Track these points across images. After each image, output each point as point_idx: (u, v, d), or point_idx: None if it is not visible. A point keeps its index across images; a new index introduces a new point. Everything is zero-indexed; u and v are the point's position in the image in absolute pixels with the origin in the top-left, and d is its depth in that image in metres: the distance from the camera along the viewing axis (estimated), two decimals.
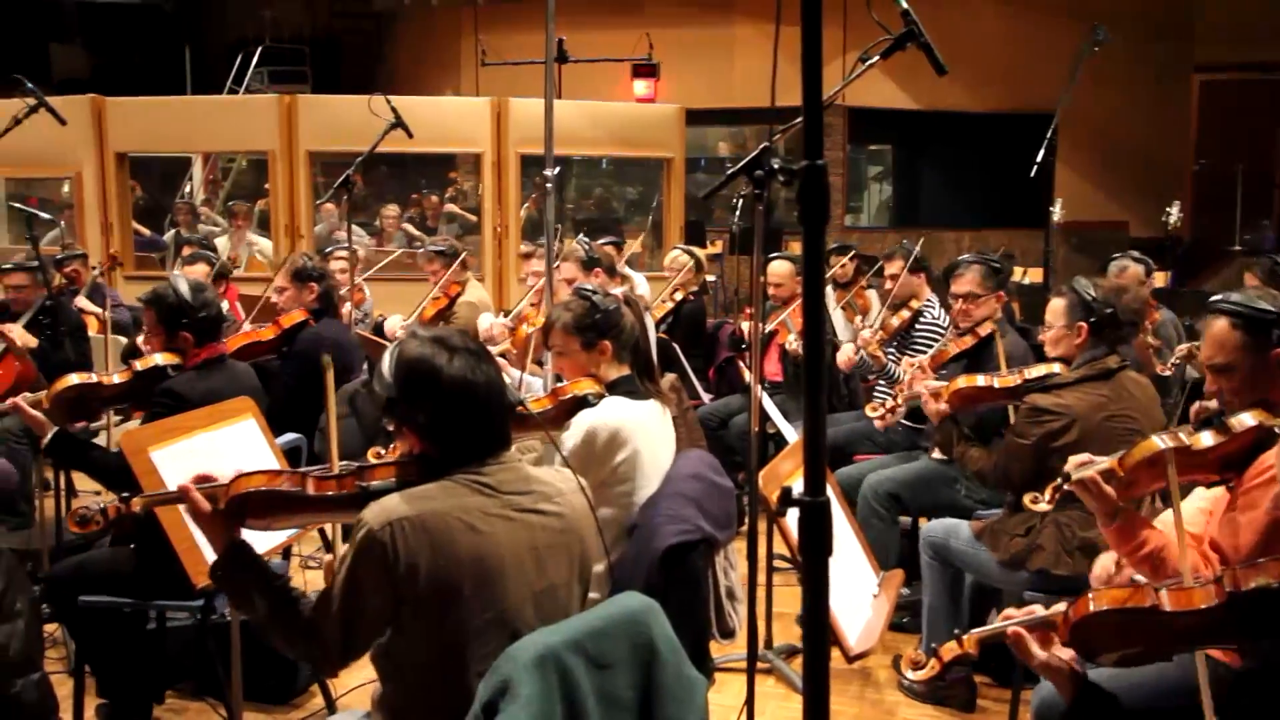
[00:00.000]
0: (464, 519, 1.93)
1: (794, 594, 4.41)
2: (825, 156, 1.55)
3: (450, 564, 1.90)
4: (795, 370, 5.32)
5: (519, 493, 2.02)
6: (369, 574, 1.89)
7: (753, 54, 12.07)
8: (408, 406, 2.01)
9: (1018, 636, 2.03)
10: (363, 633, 1.96)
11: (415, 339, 2.05)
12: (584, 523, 2.12)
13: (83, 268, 6.52)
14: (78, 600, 3.15)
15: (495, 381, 2.04)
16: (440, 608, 1.90)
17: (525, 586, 1.98)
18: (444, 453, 2.01)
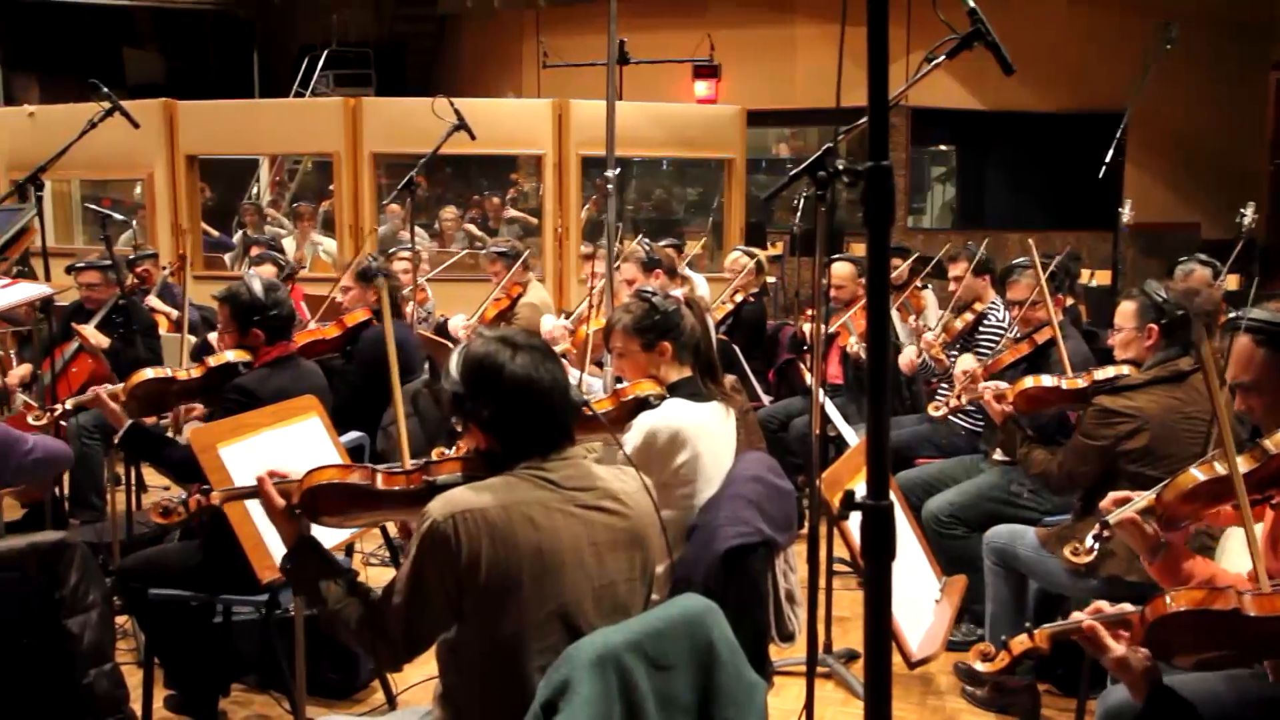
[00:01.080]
0: (525, 513, 1.95)
1: (854, 598, 4.38)
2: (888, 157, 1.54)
3: (510, 556, 1.92)
4: (856, 373, 5.28)
5: (581, 489, 2.04)
6: (432, 565, 1.92)
7: (815, 54, 12.00)
8: (473, 402, 2.05)
9: (1092, 630, 1.99)
10: (426, 624, 1.99)
11: (481, 337, 2.09)
12: (647, 522, 2.12)
13: (154, 267, 6.66)
14: (148, 593, 3.22)
15: (558, 378, 2.07)
16: (500, 600, 1.92)
17: (585, 581, 1.99)
18: (507, 448, 2.05)
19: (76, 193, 10.00)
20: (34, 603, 2.25)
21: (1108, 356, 3.70)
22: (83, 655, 2.29)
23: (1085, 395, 3.50)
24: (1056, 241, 11.18)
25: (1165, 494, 2.28)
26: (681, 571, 2.69)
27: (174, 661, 3.40)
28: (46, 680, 2.27)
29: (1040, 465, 3.51)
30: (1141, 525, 2.32)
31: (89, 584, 2.32)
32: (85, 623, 2.30)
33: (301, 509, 2.16)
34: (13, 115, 9.62)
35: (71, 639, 2.28)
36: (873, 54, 1.51)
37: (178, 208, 8.77)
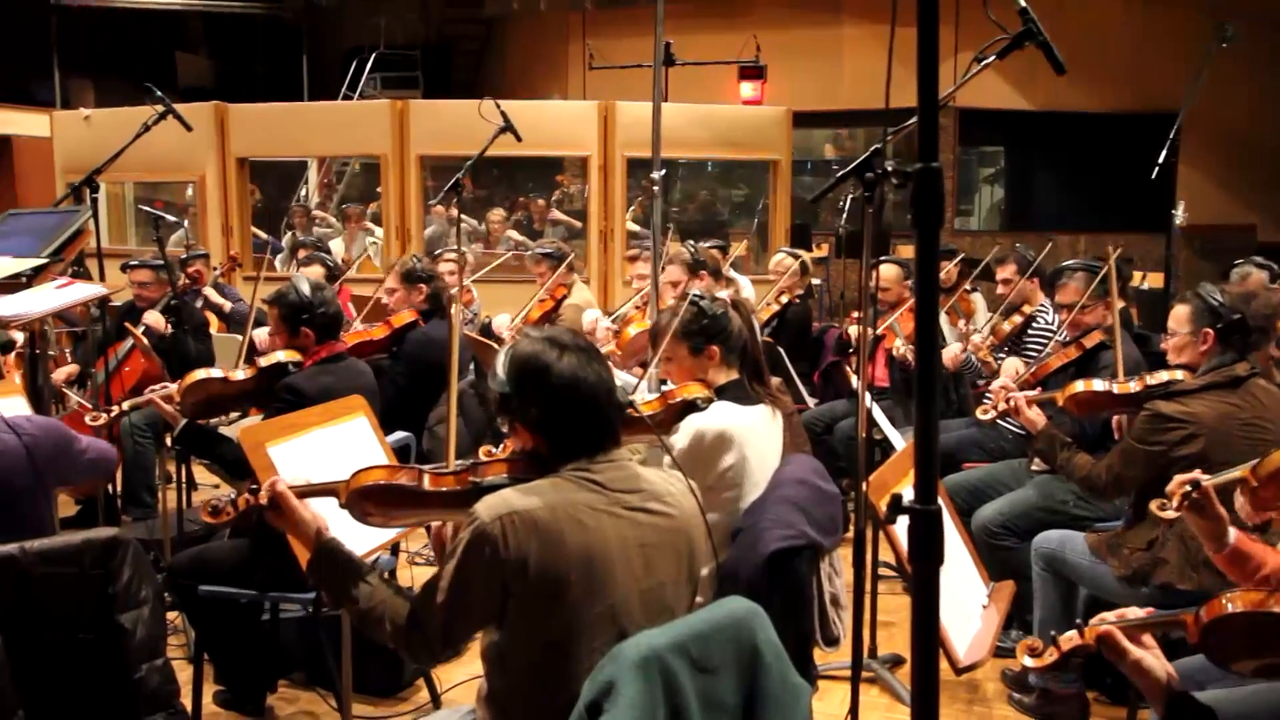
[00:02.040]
0: (572, 514, 1.95)
1: (899, 603, 4.35)
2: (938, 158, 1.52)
3: (558, 558, 1.92)
4: (902, 376, 5.24)
5: (628, 490, 2.04)
6: (479, 567, 1.92)
7: (861, 55, 11.93)
8: (520, 402, 2.05)
9: (1109, 634, 1.95)
10: (466, 624, 2.00)
11: (528, 338, 2.10)
12: (693, 524, 2.12)
13: (205, 267, 6.75)
14: (198, 590, 3.26)
15: (605, 379, 2.07)
16: (547, 602, 1.92)
17: (632, 583, 1.99)
18: (554, 448, 2.05)
19: (130, 195, 10.18)
20: (89, 598, 2.29)
21: (1160, 361, 3.64)
22: (135, 650, 2.32)
23: (1138, 400, 3.44)
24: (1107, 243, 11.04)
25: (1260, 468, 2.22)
26: (726, 574, 2.68)
27: (223, 657, 3.45)
28: (100, 674, 2.30)
29: (1084, 470, 3.46)
30: (1214, 500, 2.27)
31: (141, 580, 2.36)
32: (138, 618, 2.33)
33: (347, 508, 2.17)
34: (69, 119, 9.81)
35: (125, 634, 2.31)
36: (922, 54, 1.50)
37: (228, 209, 8.90)
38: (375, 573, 2.12)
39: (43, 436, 2.52)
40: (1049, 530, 3.60)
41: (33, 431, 2.50)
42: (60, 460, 2.56)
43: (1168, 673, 1.92)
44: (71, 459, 2.61)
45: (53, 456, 2.52)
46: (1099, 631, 1.99)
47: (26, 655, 2.22)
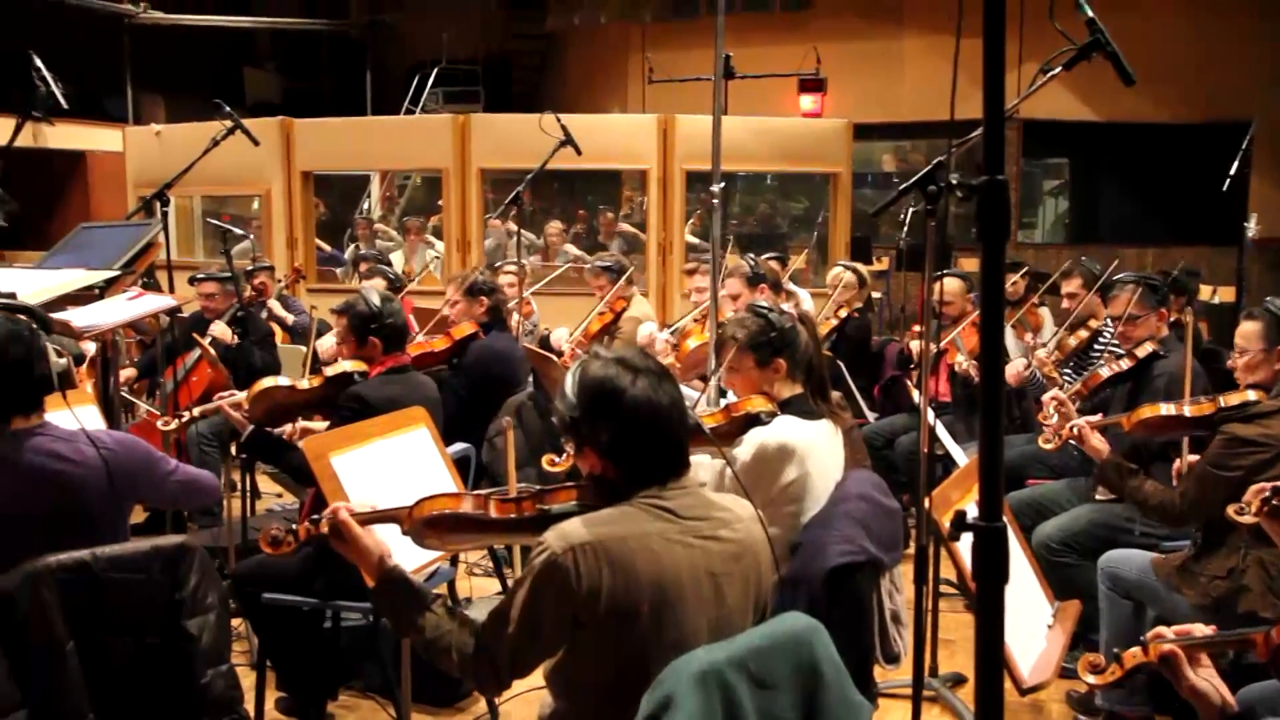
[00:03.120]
0: (645, 544, 1.93)
1: (960, 620, 4.28)
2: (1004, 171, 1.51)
3: (630, 589, 1.90)
4: (964, 391, 5.18)
5: (699, 518, 2.01)
6: (549, 598, 1.90)
7: (923, 67, 11.84)
8: (590, 426, 2.01)
9: (1172, 654, 1.91)
10: (534, 654, 1.98)
11: (598, 359, 2.05)
12: (760, 550, 2.09)
13: (269, 279, 6.87)
14: (261, 597, 3.31)
15: (677, 402, 2.04)
16: (618, 632, 1.91)
17: (702, 613, 1.97)
18: (625, 474, 2.01)
19: (198, 208, 10.37)
20: (157, 604, 2.33)
21: (1228, 379, 3.54)
22: (201, 656, 2.35)
23: (1211, 423, 3.32)
24: (1176, 257, 10.82)
25: None
26: (785, 589, 2.66)
27: (285, 664, 3.49)
28: (167, 679, 2.34)
29: (1155, 498, 3.34)
30: None
31: (208, 587, 2.39)
32: (204, 624, 2.37)
33: (410, 534, 2.16)
34: (141, 134, 10.04)
35: (191, 640, 2.34)
36: (988, 65, 1.48)
37: (293, 222, 9.04)
38: (440, 601, 2.09)
39: (122, 453, 2.55)
40: (1115, 549, 3.53)
41: (112, 446, 2.54)
42: (140, 479, 2.58)
43: (1223, 699, 1.87)
44: (153, 479, 2.62)
45: (132, 474, 2.55)
46: (1162, 650, 1.94)
47: (96, 659, 2.26)
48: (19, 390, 2.47)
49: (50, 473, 2.43)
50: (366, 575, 2.16)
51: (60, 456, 2.46)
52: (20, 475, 2.41)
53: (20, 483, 2.40)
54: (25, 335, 2.48)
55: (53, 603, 2.18)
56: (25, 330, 2.49)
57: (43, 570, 2.18)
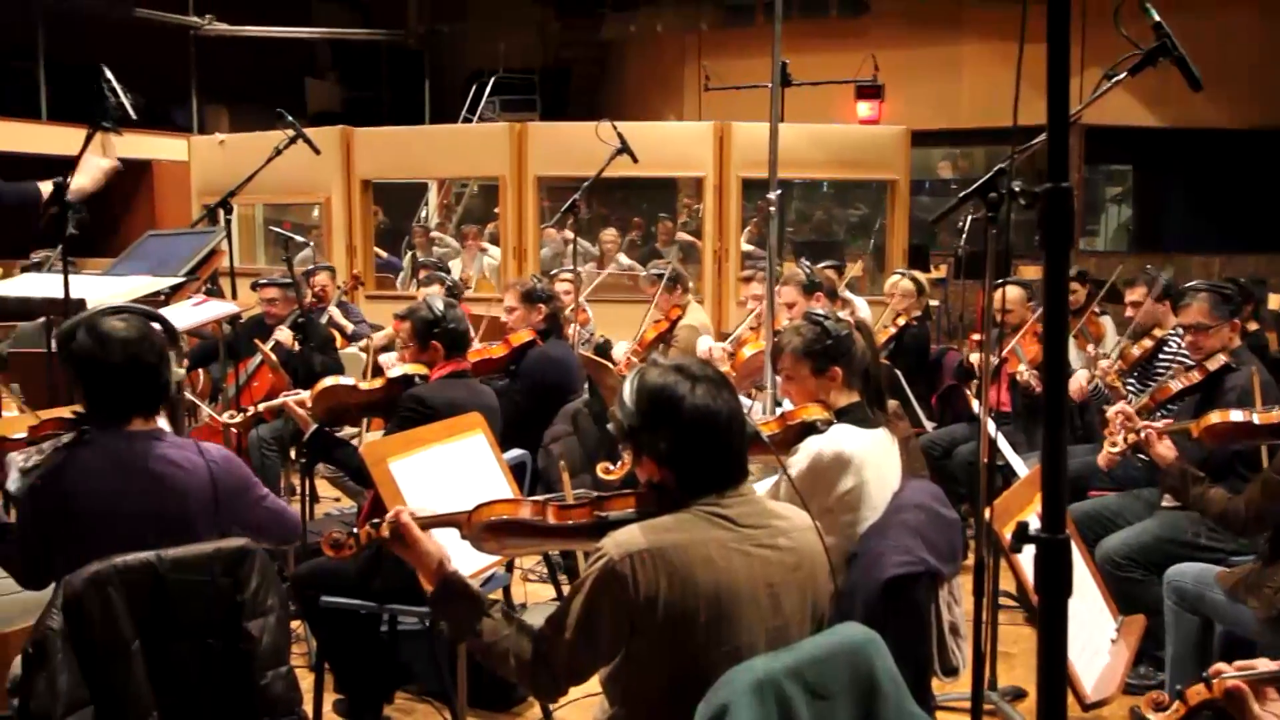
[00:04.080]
0: (703, 552, 1.92)
1: (1019, 633, 4.22)
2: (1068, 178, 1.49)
3: (688, 597, 1.89)
4: (1024, 400, 5.11)
5: (757, 526, 2.00)
6: (607, 604, 1.91)
7: (982, 73, 11.71)
8: (649, 434, 2.02)
9: (1237, 690, 1.85)
10: (591, 661, 1.99)
11: (656, 367, 2.06)
12: (817, 561, 2.08)
13: (330, 281, 6.96)
14: (319, 600, 3.35)
15: (736, 411, 2.04)
16: (675, 640, 1.91)
17: (760, 623, 1.96)
18: (683, 482, 2.01)
19: (259, 216, 10.55)
20: (219, 605, 2.36)
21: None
22: (261, 657, 2.38)
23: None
24: (1244, 265, 10.60)
25: None
26: (842, 599, 2.64)
27: (343, 667, 3.53)
28: (228, 679, 2.37)
29: (1220, 505, 3.28)
30: None
31: (268, 589, 2.42)
32: (264, 626, 2.40)
33: (469, 539, 2.17)
34: (205, 143, 10.23)
35: (251, 641, 2.37)
36: (1052, 71, 1.46)
37: (352, 229, 9.16)
38: (498, 606, 2.11)
39: (227, 468, 2.62)
40: (1181, 563, 3.45)
41: (219, 460, 2.60)
42: (238, 498, 2.63)
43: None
44: (247, 500, 2.67)
45: (233, 491, 2.60)
46: (1227, 686, 1.89)
47: (160, 659, 2.30)
48: (146, 393, 2.56)
49: (161, 476, 2.50)
50: (425, 579, 2.17)
51: (172, 462, 2.52)
52: (133, 474, 2.48)
53: (132, 481, 2.47)
54: (159, 342, 2.56)
55: (119, 603, 2.22)
56: (159, 337, 2.57)
57: (109, 571, 2.23)
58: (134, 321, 2.56)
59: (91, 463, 2.47)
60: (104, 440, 2.51)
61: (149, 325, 2.58)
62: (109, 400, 2.55)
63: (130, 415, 2.55)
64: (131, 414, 2.55)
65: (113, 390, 2.54)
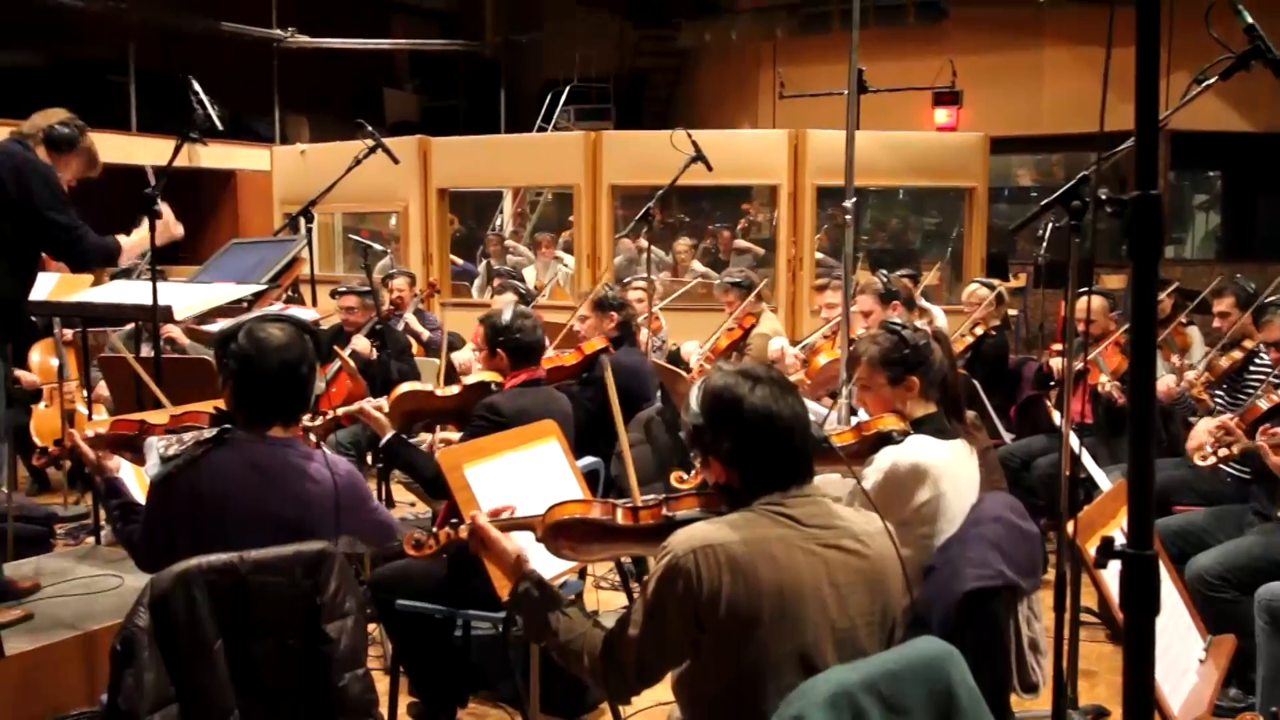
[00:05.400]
0: (765, 549, 1.93)
1: (1101, 651, 4.13)
2: (1157, 185, 1.45)
3: (751, 593, 1.90)
4: (1106, 412, 4.99)
5: (822, 526, 2.01)
6: (672, 600, 1.92)
7: (1064, 78, 11.50)
8: (713, 435, 2.06)
9: None
10: (660, 658, 1.99)
11: (721, 371, 2.10)
12: (889, 566, 2.06)
13: (407, 288, 7.05)
14: (395, 604, 3.39)
15: (799, 413, 2.06)
16: (739, 637, 1.91)
17: (825, 622, 1.96)
18: (747, 481, 2.04)
19: (338, 224, 10.73)
20: (299, 607, 2.40)
21: None
22: (339, 659, 2.41)
23: None
24: None
25: None
26: (918, 613, 2.60)
27: (418, 670, 3.57)
28: (306, 680, 2.41)
29: None
30: None
31: (346, 592, 2.45)
32: (342, 628, 2.43)
33: (543, 541, 2.20)
34: (287, 153, 10.44)
35: (330, 643, 2.40)
36: (1141, 76, 1.43)
37: (428, 238, 9.27)
38: (575, 606, 2.14)
39: (350, 481, 2.67)
40: (1273, 582, 3.34)
41: (344, 475, 2.65)
42: (356, 511, 2.69)
43: None
44: (362, 513, 2.72)
45: (352, 505, 2.66)
46: None
47: (241, 659, 2.34)
48: (292, 401, 2.63)
49: (289, 483, 2.56)
50: (505, 577, 2.21)
51: (302, 472, 2.58)
52: (263, 478, 2.54)
53: (261, 485, 2.53)
54: (311, 356, 2.63)
55: (203, 603, 2.27)
56: (311, 349, 2.64)
57: (194, 571, 2.27)
58: (291, 331, 2.62)
59: (226, 462, 2.54)
60: (242, 441, 2.58)
61: (304, 336, 2.64)
62: (256, 404, 2.61)
63: (273, 421, 2.62)
64: (274, 420, 2.62)
65: (261, 395, 2.60)
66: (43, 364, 6.26)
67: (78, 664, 3.51)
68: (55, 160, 3.80)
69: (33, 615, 3.66)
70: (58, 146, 3.80)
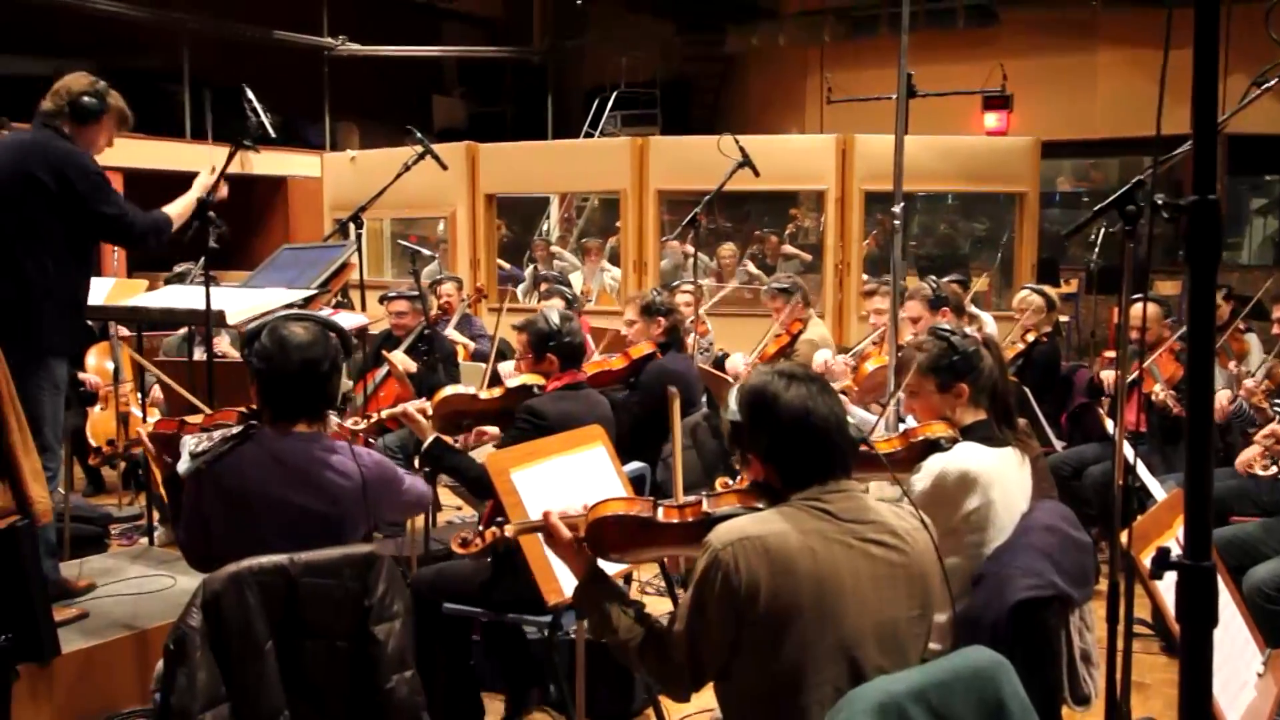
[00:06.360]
0: (804, 542, 1.95)
1: (1154, 663, 4.06)
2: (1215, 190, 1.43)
3: (790, 585, 1.91)
4: (1161, 421, 4.91)
5: (859, 521, 2.02)
6: (713, 593, 1.94)
7: (1116, 81, 11.35)
8: (750, 432, 2.10)
9: None
10: (709, 653, 2.00)
11: (758, 371, 2.15)
12: (928, 561, 2.08)
13: (455, 292, 7.10)
14: (442, 607, 3.40)
15: (835, 410, 2.09)
16: (779, 631, 1.92)
17: (865, 616, 1.96)
18: (784, 477, 2.07)
19: (387, 230, 10.83)
20: (348, 609, 2.42)
21: None
22: (387, 661, 2.43)
23: None
24: None
25: None
26: (968, 622, 2.58)
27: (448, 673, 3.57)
28: (354, 682, 2.43)
29: None
30: None
31: (394, 594, 2.47)
32: (390, 630, 2.45)
33: (587, 541, 2.23)
34: (337, 160, 10.56)
35: (377, 645, 2.43)
36: (1199, 79, 1.41)
37: (476, 243, 9.33)
38: (636, 604, 2.17)
39: (377, 471, 2.71)
40: None
41: (370, 465, 2.70)
42: (386, 498, 2.74)
43: None
44: (393, 497, 2.78)
45: (381, 493, 2.70)
46: None
47: (292, 660, 2.37)
48: (314, 399, 2.69)
49: (315, 476, 2.61)
50: (573, 572, 2.25)
51: (328, 465, 2.63)
52: (290, 471, 2.60)
53: (288, 478, 2.59)
54: (334, 352, 2.68)
55: (254, 604, 2.30)
56: (335, 348, 2.69)
57: (245, 573, 2.31)
58: (314, 330, 2.68)
59: (252, 456, 2.60)
60: (266, 437, 2.64)
61: (327, 335, 2.69)
62: (279, 401, 2.67)
63: (297, 418, 2.67)
64: (298, 417, 2.67)
65: (284, 392, 2.66)
66: (98, 367, 6.38)
67: (131, 662, 3.56)
68: (86, 132, 3.73)
69: (88, 614, 3.72)
70: (85, 118, 3.72)
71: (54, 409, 3.73)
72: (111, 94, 3.80)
